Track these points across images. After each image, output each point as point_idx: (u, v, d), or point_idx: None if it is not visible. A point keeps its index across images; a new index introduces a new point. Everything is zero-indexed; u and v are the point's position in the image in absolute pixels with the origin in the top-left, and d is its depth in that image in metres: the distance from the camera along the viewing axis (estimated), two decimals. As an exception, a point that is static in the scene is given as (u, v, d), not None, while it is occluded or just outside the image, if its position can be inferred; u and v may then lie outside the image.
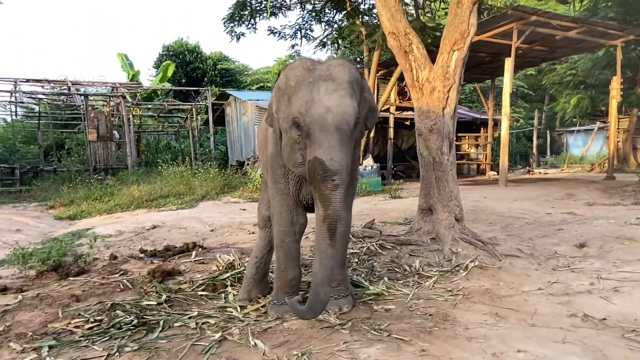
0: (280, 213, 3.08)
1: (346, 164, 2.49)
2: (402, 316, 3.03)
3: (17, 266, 4.66)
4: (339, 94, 2.53)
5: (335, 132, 2.46)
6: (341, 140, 2.48)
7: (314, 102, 2.50)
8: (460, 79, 4.67)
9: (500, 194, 9.42)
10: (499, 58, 12.37)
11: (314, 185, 2.54)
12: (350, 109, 2.52)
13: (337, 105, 2.49)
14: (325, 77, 2.58)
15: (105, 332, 2.87)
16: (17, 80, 12.60)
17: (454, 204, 4.62)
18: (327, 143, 2.45)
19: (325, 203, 2.47)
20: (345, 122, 2.49)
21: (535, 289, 3.54)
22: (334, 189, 2.44)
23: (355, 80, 2.70)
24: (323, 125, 2.46)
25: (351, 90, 2.60)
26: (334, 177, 2.42)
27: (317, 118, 2.46)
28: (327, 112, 2.46)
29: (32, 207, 9.77)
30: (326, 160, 2.42)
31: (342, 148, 2.47)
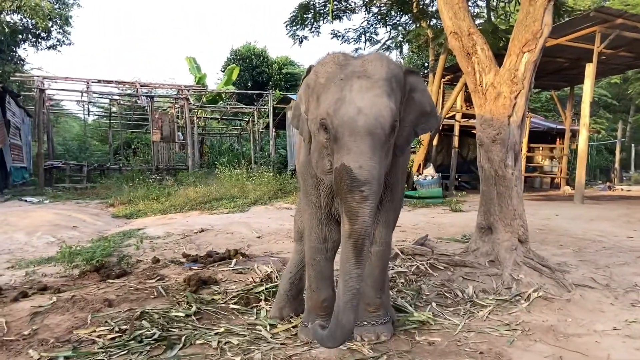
0: (312, 228, 2.79)
1: (377, 173, 2.16)
2: (447, 352, 2.65)
3: (63, 265, 4.68)
4: (373, 93, 2.20)
5: (366, 137, 2.14)
6: (373, 146, 2.15)
7: (344, 102, 2.18)
8: (531, 85, 4.19)
9: (575, 212, 8.62)
10: (579, 64, 11.45)
11: (340, 196, 2.23)
12: (386, 110, 2.18)
13: (370, 106, 2.16)
14: (359, 74, 2.26)
15: (125, 345, 2.71)
16: (89, 81, 13.21)
17: (517, 223, 4.13)
18: (357, 149, 2.13)
19: (351, 217, 2.15)
20: (378, 126, 2.16)
21: (609, 328, 3.03)
22: (362, 201, 2.12)
23: (394, 77, 2.34)
24: (353, 129, 2.14)
25: (388, 89, 2.26)
26: (362, 188, 2.11)
27: (347, 120, 2.15)
28: (359, 114, 2.14)
29: (93, 204, 10.09)
30: (354, 168, 2.11)
31: (373, 155, 2.14)
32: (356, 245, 2.14)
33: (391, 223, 2.88)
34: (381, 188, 2.25)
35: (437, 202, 9.83)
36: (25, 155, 14.69)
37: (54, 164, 13.48)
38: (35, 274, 4.50)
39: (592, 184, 17.43)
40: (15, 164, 13.35)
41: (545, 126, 17.36)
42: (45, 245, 5.78)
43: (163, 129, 13.71)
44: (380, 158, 2.19)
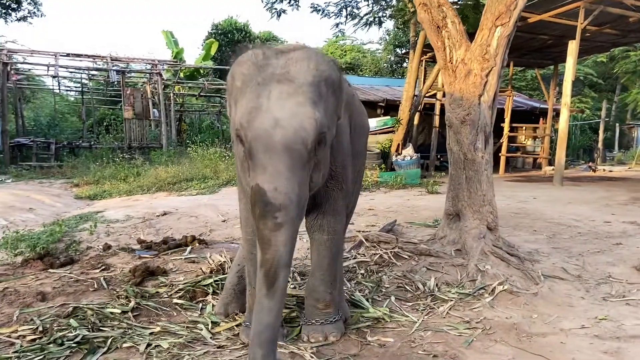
0: (247, 219, 2.51)
1: (297, 196, 1.87)
2: (398, 355, 2.43)
3: (6, 251, 4.37)
4: (294, 101, 1.89)
5: (283, 154, 1.84)
6: (292, 165, 1.86)
7: (260, 112, 1.88)
8: (503, 62, 3.92)
9: (554, 195, 8.47)
10: (563, 41, 11.17)
11: (254, 221, 1.94)
12: (309, 121, 1.88)
13: (289, 117, 1.87)
14: (279, 77, 1.95)
15: (42, 349, 2.44)
16: (57, 54, 12.64)
17: (486, 209, 3.90)
18: (272, 168, 1.84)
19: (264, 245, 1.87)
20: (299, 141, 1.86)
21: (577, 326, 2.84)
22: (276, 228, 1.83)
23: (324, 81, 2.03)
24: (268, 144, 1.84)
25: (315, 95, 1.95)
26: (276, 214, 1.82)
27: (262, 133, 1.85)
28: (276, 127, 1.85)
29: (58, 184, 9.69)
30: (268, 190, 1.82)
31: (292, 176, 1.85)
32: (268, 275, 1.86)
33: (340, 210, 2.62)
34: (302, 212, 1.97)
35: (414, 183, 9.61)
36: (-10, 132, 14.15)
37: (20, 141, 12.99)
38: (-26, 262, 4.18)
39: (575, 164, 17.34)
40: (-22, 141, 12.85)
41: (529, 105, 17.17)
42: (-5, 229, 5.43)
43: (135, 105, 13.22)
44: (301, 178, 1.90)
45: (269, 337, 1.89)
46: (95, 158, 11.75)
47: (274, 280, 1.86)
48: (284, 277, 1.90)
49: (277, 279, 1.86)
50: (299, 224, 1.97)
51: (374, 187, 9.20)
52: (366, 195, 8.19)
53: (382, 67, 25.68)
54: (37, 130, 15.30)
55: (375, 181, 9.59)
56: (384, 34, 24.64)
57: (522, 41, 11.33)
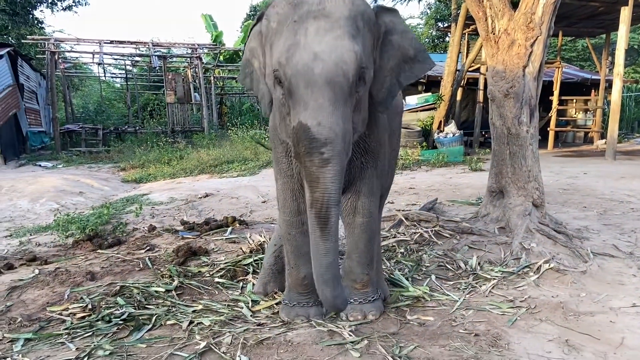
0: (285, 200, 2.50)
1: (342, 130, 1.84)
2: (439, 334, 2.38)
3: (58, 233, 4.57)
4: (333, 35, 1.85)
5: (325, 88, 1.81)
6: (334, 98, 1.83)
7: (299, 48, 1.85)
8: (550, 31, 3.71)
9: (605, 169, 8.07)
10: (616, 8, 10.52)
11: (298, 160, 1.94)
12: (348, 54, 1.84)
13: (329, 50, 1.83)
14: (315, 13, 1.90)
15: (91, 326, 2.54)
16: (102, 42, 12.97)
17: (532, 185, 3.76)
18: (315, 103, 1.81)
19: (312, 183, 1.87)
20: (340, 73, 1.82)
21: (628, 305, 2.72)
22: (323, 164, 1.83)
23: (360, 15, 1.97)
24: (309, 79, 1.81)
25: (352, 29, 1.91)
26: (322, 149, 1.81)
27: (302, 68, 1.82)
28: (315, 60, 1.81)
29: (106, 168, 10.02)
30: (312, 126, 1.81)
31: (335, 110, 1.82)
32: (319, 216, 1.89)
33: (375, 191, 2.56)
34: (349, 147, 1.94)
35: (457, 161, 9.38)
36: (43, 119, 14.75)
37: (69, 127, 13.49)
38: (29, 244, 4.40)
39: (629, 137, 16.46)
40: (33, 128, 13.40)
41: (580, 77, 16.35)
42: (48, 212, 5.69)
43: (177, 89, 13.43)
44: (344, 113, 1.87)
45: (332, 275, 1.96)
46: (140, 142, 12.08)
47: (326, 220, 1.89)
48: (336, 215, 1.91)
49: (329, 218, 1.89)
50: (345, 161, 1.95)
51: (415, 165, 9.05)
52: (407, 174, 8.07)
53: (423, 43, 25.06)
54: (86, 117, 15.86)
55: (416, 159, 9.42)
56: (425, 8, 23.91)
57: (571, 9, 10.73)
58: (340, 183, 1.91)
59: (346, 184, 2.45)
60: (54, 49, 13.06)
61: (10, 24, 15.39)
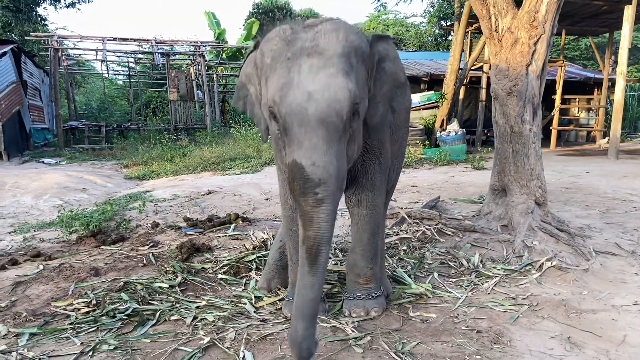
0: (285, 196, 2.53)
1: (336, 169, 1.84)
2: (441, 331, 2.40)
3: (62, 230, 4.59)
4: (326, 73, 1.85)
5: (319, 127, 1.81)
6: (328, 138, 1.82)
7: (292, 86, 1.85)
8: (553, 29, 3.72)
9: (608, 168, 8.07)
10: (619, 7, 10.50)
11: (294, 197, 1.95)
12: (342, 92, 1.84)
13: (322, 89, 1.82)
14: (309, 51, 1.90)
15: (95, 321, 2.57)
16: (104, 39, 12.99)
17: (534, 184, 3.76)
18: (309, 142, 1.81)
19: (305, 222, 1.86)
20: (333, 113, 1.82)
21: (629, 303, 2.73)
22: (317, 204, 1.82)
23: (354, 51, 1.97)
24: (302, 118, 1.82)
25: (346, 66, 1.90)
26: (316, 189, 1.81)
27: (295, 108, 1.82)
28: (309, 100, 1.81)
29: (109, 165, 10.04)
30: (307, 166, 1.80)
31: (329, 149, 1.82)
32: (310, 253, 1.86)
33: (379, 185, 2.58)
34: (342, 184, 1.94)
35: (460, 159, 9.38)
36: (46, 116, 14.76)
37: (72, 124, 13.50)
38: (33, 239, 4.42)
39: (632, 136, 16.42)
40: (36, 125, 13.42)
41: (583, 76, 16.30)
42: (51, 208, 5.71)
43: (180, 87, 13.44)
44: (338, 151, 1.88)
45: (310, 312, 1.89)
46: (143, 140, 12.09)
47: (316, 257, 1.86)
48: (326, 253, 1.89)
49: (319, 256, 1.86)
50: (339, 197, 1.95)
51: (418, 163, 9.06)
52: (409, 172, 8.08)
53: (426, 41, 24.96)
54: (89, 113, 15.86)
55: (419, 158, 9.43)
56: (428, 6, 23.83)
57: (575, 7, 10.71)
58: (333, 221, 1.91)
59: (350, 180, 2.47)
60: (57, 46, 13.07)
61: (13, 21, 15.41)
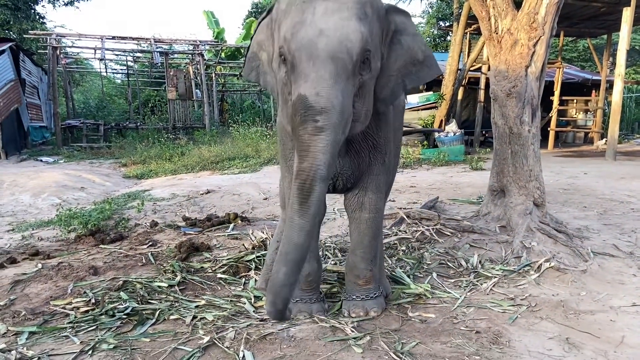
0: (288, 196, 2.52)
1: (340, 103, 1.80)
2: (440, 331, 2.40)
3: (60, 228, 4.58)
4: (340, 15, 1.85)
5: (327, 61, 1.80)
6: (336, 72, 1.81)
7: (304, 24, 1.84)
8: (552, 31, 3.72)
9: (606, 170, 8.10)
10: (618, 8, 10.53)
11: (294, 135, 1.87)
12: (354, 34, 1.83)
13: (335, 28, 1.82)
14: None
15: (94, 320, 2.56)
16: (103, 37, 12.98)
17: (533, 185, 3.77)
18: (315, 74, 1.79)
19: (302, 153, 1.80)
20: (344, 50, 1.81)
21: (628, 304, 2.73)
22: (316, 132, 1.77)
23: (370, 3, 1.96)
24: (312, 52, 1.80)
25: (360, 12, 1.89)
26: (317, 117, 1.76)
27: (306, 42, 1.81)
28: (320, 35, 1.81)
29: (107, 164, 10.04)
30: (310, 95, 1.77)
31: (335, 83, 1.80)
32: (302, 188, 1.77)
33: (382, 187, 2.59)
34: (346, 124, 1.89)
35: (458, 160, 9.40)
36: (44, 114, 14.75)
37: (70, 123, 13.49)
38: (32, 238, 4.41)
39: (630, 138, 16.48)
40: (34, 123, 13.41)
41: (580, 77, 16.37)
42: (50, 207, 5.71)
43: (178, 86, 13.44)
44: (345, 88, 1.84)
45: (295, 257, 1.76)
46: (142, 138, 12.09)
47: (308, 194, 1.77)
48: (320, 191, 1.79)
49: (312, 192, 1.77)
50: (341, 137, 1.89)
51: (416, 164, 9.07)
52: (408, 172, 8.09)
53: (424, 42, 25.04)
54: (87, 112, 15.88)
55: (417, 158, 9.44)
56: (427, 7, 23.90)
57: (574, 9, 10.75)
58: (333, 158, 1.82)
59: (354, 180, 2.47)
60: (55, 44, 13.06)
61: (12, 19, 15.38)
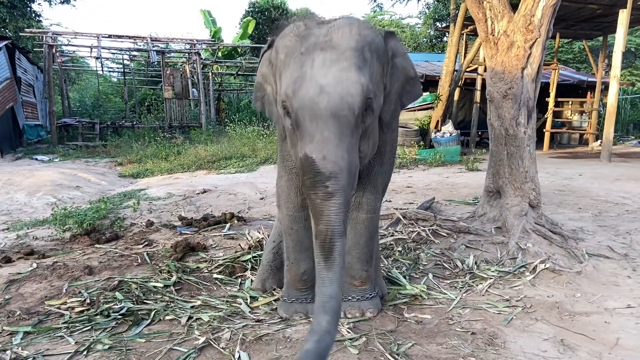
0: (289, 195, 2.53)
1: (347, 164, 1.84)
2: (436, 332, 2.41)
3: (56, 228, 4.56)
4: (339, 67, 1.87)
5: (330, 121, 1.82)
6: (340, 132, 1.83)
7: (305, 80, 1.86)
8: (548, 33, 3.74)
9: (601, 171, 8.13)
10: (614, 11, 10.58)
11: (305, 192, 1.95)
12: (355, 87, 1.85)
13: (335, 83, 1.84)
14: (322, 45, 1.92)
15: (89, 320, 2.55)
16: (99, 36, 12.93)
17: (529, 186, 3.79)
18: (320, 136, 1.82)
19: (316, 216, 1.86)
20: (345, 107, 1.83)
21: (622, 306, 2.75)
22: (327, 197, 1.82)
23: (368, 46, 1.99)
24: (314, 112, 1.83)
25: (359, 60, 1.92)
26: (326, 183, 1.80)
27: (307, 101, 1.84)
28: (321, 94, 1.82)
29: (103, 163, 10.00)
30: (317, 159, 1.80)
31: (340, 143, 1.83)
32: (324, 247, 1.85)
33: (380, 188, 2.61)
34: (354, 179, 1.95)
35: (454, 160, 9.42)
36: (40, 112, 14.69)
37: (66, 121, 13.44)
38: (26, 237, 4.39)
39: (625, 139, 16.55)
40: (29, 121, 13.36)
41: (576, 79, 16.41)
42: (45, 206, 5.68)
43: (175, 85, 13.41)
44: (350, 145, 1.88)
45: (333, 306, 1.82)
46: (138, 137, 12.06)
47: (330, 251, 1.84)
48: (340, 247, 1.86)
49: (333, 250, 1.84)
50: (351, 192, 1.95)
51: (412, 164, 9.08)
52: (404, 173, 8.10)
53: (421, 42, 25.06)
54: (82, 110, 15.80)
55: (413, 158, 9.45)
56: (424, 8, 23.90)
57: (570, 11, 10.79)
58: (346, 215, 1.90)
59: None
60: (51, 42, 13.00)
61: (7, 17, 15.32)
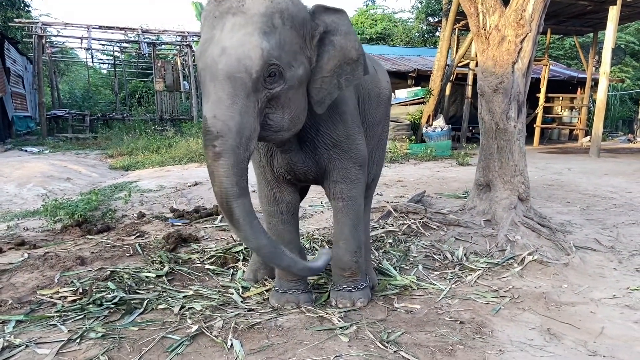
0: (261, 190, 2.59)
1: (237, 125, 1.85)
2: (425, 321, 2.45)
3: (47, 219, 4.55)
4: (244, 31, 1.88)
5: (226, 82, 1.86)
6: (233, 93, 1.85)
7: (212, 42, 1.91)
8: (539, 28, 3.78)
9: (589, 166, 8.24)
10: (604, 7, 10.67)
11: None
12: (255, 50, 1.86)
13: (236, 46, 1.86)
14: (234, 10, 1.93)
15: (82, 309, 2.56)
16: (90, 27, 12.81)
17: (518, 180, 3.84)
18: (215, 96, 1.86)
19: (210, 176, 1.91)
20: (242, 69, 1.85)
21: (608, 296, 2.81)
22: (216, 158, 1.85)
23: (280, 13, 1.96)
24: (213, 73, 1.87)
25: (266, 26, 1.91)
26: (215, 142, 1.84)
27: (209, 62, 1.89)
28: (221, 55, 1.86)
29: (93, 155, 9.95)
30: (209, 118, 1.85)
31: (233, 104, 1.85)
32: (223, 209, 1.94)
33: (353, 177, 2.51)
34: (248, 142, 1.92)
35: (445, 155, 9.49)
36: (29, 103, 14.55)
37: (56, 113, 13.34)
38: (17, 228, 4.37)
39: (614, 135, 16.75)
40: (18, 113, 13.23)
41: (566, 75, 16.55)
42: (35, 197, 5.66)
43: (166, 77, 13.35)
44: (244, 107, 1.88)
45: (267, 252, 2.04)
46: (129, 130, 12.00)
47: (230, 213, 1.91)
48: (239, 208, 1.90)
49: (232, 211, 1.90)
50: (245, 155, 1.93)
51: (404, 158, 9.13)
52: (396, 167, 8.15)
53: (413, 37, 25.07)
54: (72, 102, 15.68)
55: (404, 153, 9.50)
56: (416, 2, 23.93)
57: (561, 7, 10.86)
58: (238, 177, 1.89)
59: (316, 173, 2.49)
60: (41, 33, 12.87)
61: (-4, 7, 15.12)
